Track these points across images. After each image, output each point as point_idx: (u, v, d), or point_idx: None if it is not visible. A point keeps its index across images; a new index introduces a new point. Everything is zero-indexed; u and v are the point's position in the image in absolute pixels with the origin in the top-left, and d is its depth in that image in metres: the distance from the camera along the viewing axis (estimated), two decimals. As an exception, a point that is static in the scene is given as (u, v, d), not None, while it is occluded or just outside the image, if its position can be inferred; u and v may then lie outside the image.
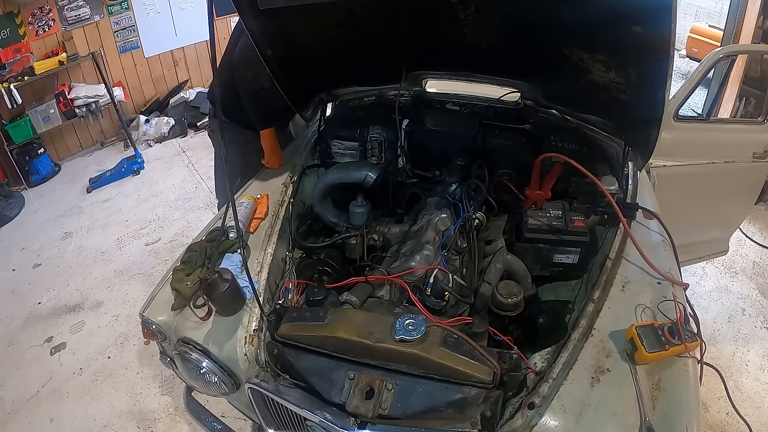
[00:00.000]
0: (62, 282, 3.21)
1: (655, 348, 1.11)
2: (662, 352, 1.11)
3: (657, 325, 1.16)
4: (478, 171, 1.78)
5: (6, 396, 2.48)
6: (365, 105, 2.13)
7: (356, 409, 1.12)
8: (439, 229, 1.64)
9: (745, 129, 2.39)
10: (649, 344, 1.12)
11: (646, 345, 1.11)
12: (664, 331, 1.14)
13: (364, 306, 1.40)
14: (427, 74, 2.00)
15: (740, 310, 2.76)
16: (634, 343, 1.14)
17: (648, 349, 1.11)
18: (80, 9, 4.26)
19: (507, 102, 1.97)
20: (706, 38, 6.05)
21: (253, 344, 1.33)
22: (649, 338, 1.13)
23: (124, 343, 2.70)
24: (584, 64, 1.44)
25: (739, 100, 3.45)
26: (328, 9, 1.34)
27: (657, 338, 1.13)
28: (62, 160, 4.64)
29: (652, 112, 1.41)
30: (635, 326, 1.15)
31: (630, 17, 1.18)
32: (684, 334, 1.14)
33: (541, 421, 1.08)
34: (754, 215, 3.34)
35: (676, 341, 1.13)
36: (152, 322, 1.42)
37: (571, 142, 1.79)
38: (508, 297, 1.32)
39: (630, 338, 1.16)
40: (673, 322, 1.18)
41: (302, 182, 1.94)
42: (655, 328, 1.15)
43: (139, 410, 2.34)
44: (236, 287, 1.31)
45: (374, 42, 1.57)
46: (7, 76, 3.87)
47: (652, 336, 1.13)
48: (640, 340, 1.12)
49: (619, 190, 1.62)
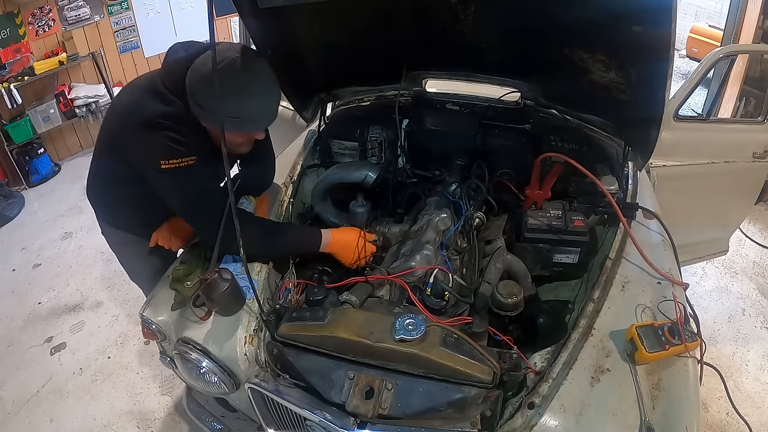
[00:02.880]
0: (62, 282, 3.21)
1: (655, 348, 1.11)
2: (662, 352, 1.11)
3: (657, 325, 1.16)
4: (478, 171, 1.78)
5: (6, 396, 2.48)
6: (365, 105, 2.13)
7: (356, 408, 1.12)
8: (439, 229, 1.64)
9: (745, 129, 2.39)
10: (649, 344, 1.11)
11: (646, 345, 1.11)
12: (664, 331, 1.14)
13: (364, 306, 1.40)
14: (427, 74, 1.99)
15: (740, 310, 2.76)
16: (634, 343, 1.14)
17: (648, 349, 1.11)
18: (80, 9, 4.26)
19: (507, 102, 1.97)
20: (706, 38, 6.05)
21: (253, 344, 1.33)
22: (650, 338, 1.13)
23: (124, 343, 2.71)
24: (584, 64, 1.44)
25: (739, 100, 3.45)
26: (328, 9, 1.34)
27: (657, 338, 1.13)
28: (62, 160, 4.64)
29: (652, 112, 1.41)
30: (635, 326, 1.15)
31: (630, 17, 1.18)
32: (684, 334, 1.14)
33: (541, 420, 1.07)
34: (754, 215, 3.34)
35: (676, 341, 1.13)
36: (152, 321, 1.42)
37: (571, 141, 1.79)
38: (507, 297, 1.32)
39: (630, 338, 1.16)
40: (674, 322, 1.18)
41: (302, 182, 1.94)
42: (655, 328, 1.15)
43: (139, 410, 2.34)
44: (236, 287, 1.30)
45: (374, 42, 1.57)
46: (7, 76, 3.87)
47: (653, 336, 1.13)
48: (640, 340, 1.12)
49: (619, 190, 1.62)
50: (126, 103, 1.43)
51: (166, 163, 1.30)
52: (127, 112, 1.39)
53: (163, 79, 1.37)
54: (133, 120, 1.33)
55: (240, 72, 1.28)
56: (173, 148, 1.30)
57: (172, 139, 1.30)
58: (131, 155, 1.39)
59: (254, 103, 1.32)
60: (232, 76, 1.26)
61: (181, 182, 1.35)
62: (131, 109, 1.38)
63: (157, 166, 1.30)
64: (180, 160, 1.31)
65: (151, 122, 1.30)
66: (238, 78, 1.27)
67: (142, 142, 1.33)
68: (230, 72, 1.26)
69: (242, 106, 1.30)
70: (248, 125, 1.37)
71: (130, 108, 1.39)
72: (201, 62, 1.31)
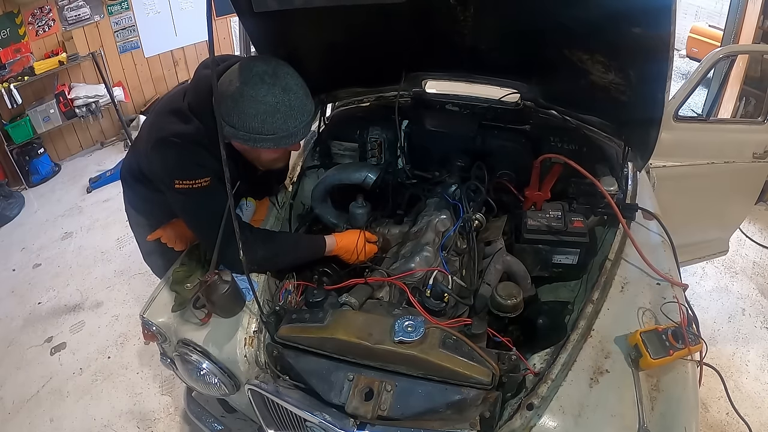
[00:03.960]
0: (62, 282, 3.22)
1: (659, 354, 1.10)
2: (667, 357, 1.10)
3: (661, 329, 1.15)
4: (478, 172, 1.78)
5: (6, 396, 2.48)
6: (365, 106, 2.13)
7: (356, 410, 1.12)
8: (439, 230, 1.64)
9: (745, 129, 2.38)
10: (653, 350, 1.11)
11: (650, 351, 1.11)
12: (668, 336, 1.13)
13: (364, 307, 1.40)
14: (427, 75, 1.99)
15: (740, 310, 2.76)
16: (638, 350, 1.13)
17: (653, 355, 1.10)
18: (80, 9, 4.26)
19: (507, 103, 1.97)
20: (706, 38, 6.04)
21: (253, 346, 1.33)
22: (653, 344, 1.12)
23: (124, 343, 2.71)
24: (584, 65, 1.44)
25: (739, 100, 3.45)
26: (327, 10, 1.34)
27: (661, 343, 1.12)
28: (62, 160, 4.64)
29: (652, 112, 1.41)
30: (639, 332, 1.14)
31: (629, 18, 1.18)
32: (688, 338, 1.13)
33: (540, 422, 1.08)
34: (754, 215, 3.34)
35: (680, 345, 1.12)
36: (152, 323, 1.42)
37: (570, 142, 1.79)
38: (507, 298, 1.32)
39: (635, 344, 1.15)
40: (678, 325, 1.18)
41: (302, 183, 1.94)
42: (659, 333, 1.14)
43: (139, 410, 2.35)
44: (236, 289, 1.31)
45: (374, 43, 1.57)
46: (7, 76, 3.87)
47: (656, 341, 1.12)
48: (644, 347, 1.11)
49: (619, 191, 1.62)
50: (155, 113, 1.44)
51: (180, 183, 1.30)
52: (150, 123, 1.41)
53: (188, 96, 1.36)
54: (151, 136, 1.33)
55: (273, 90, 1.23)
56: (186, 169, 1.29)
57: (186, 160, 1.29)
58: (147, 167, 1.41)
59: (289, 120, 1.28)
60: (264, 94, 1.23)
61: (193, 203, 1.35)
62: (154, 123, 1.38)
63: (171, 185, 1.30)
64: (193, 182, 1.30)
65: (165, 140, 1.29)
66: (270, 96, 1.23)
67: (156, 160, 1.33)
68: (262, 90, 1.23)
69: (276, 125, 1.26)
70: (284, 141, 1.31)
71: (154, 120, 1.40)
72: (227, 80, 1.26)
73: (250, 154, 1.42)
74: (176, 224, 1.60)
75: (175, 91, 1.46)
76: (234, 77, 1.25)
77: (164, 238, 1.61)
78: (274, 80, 1.24)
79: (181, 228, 1.58)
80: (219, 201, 1.30)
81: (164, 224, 1.61)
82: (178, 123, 1.31)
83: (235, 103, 1.24)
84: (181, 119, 1.32)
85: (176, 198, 1.36)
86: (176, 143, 1.29)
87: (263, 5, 1.24)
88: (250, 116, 1.24)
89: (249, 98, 1.23)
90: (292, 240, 1.66)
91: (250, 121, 1.25)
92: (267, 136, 1.28)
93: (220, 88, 1.25)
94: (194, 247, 1.57)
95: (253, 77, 1.23)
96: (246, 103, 1.23)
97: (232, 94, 1.24)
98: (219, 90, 1.24)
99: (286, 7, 1.26)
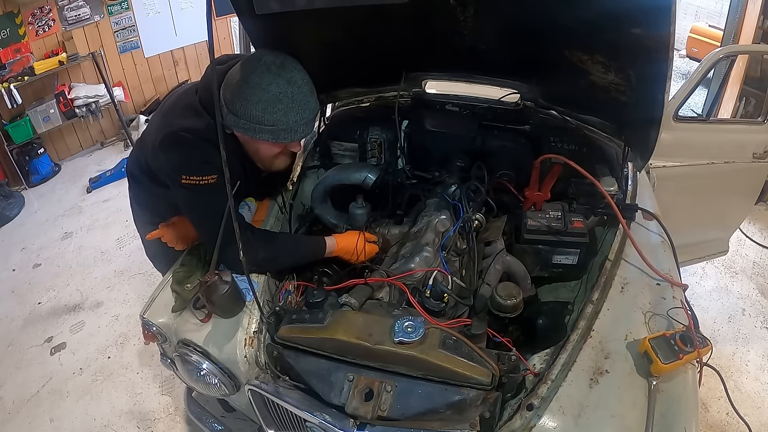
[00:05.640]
0: (62, 282, 3.22)
1: (670, 359, 1.10)
2: (677, 362, 1.10)
3: (669, 334, 1.15)
4: (478, 172, 1.77)
5: (6, 396, 2.48)
6: (365, 106, 2.13)
7: (355, 410, 1.12)
8: (439, 231, 1.64)
9: (745, 129, 2.38)
10: (663, 355, 1.10)
11: (660, 357, 1.10)
12: (676, 340, 1.13)
13: (363, 308, 1.40)
14: (427, 75, 1.99)
15: (740, 310, 2.77)
16: (648, 356, 1.12)
17: (663, 360, 1.09)
18: (80, 9, 4.26)
19: (507, 103, 1.97)
20: (706, 38, 6.05)
21: (253, 346, 1.33)
22: (663, 349, 1.11)
23: (124, 343, 2.71)
24: (584, 65, 1.44)
25: (739, 100, 3.45)
26: (327, 11, 1.34)
27: (670, 348, 1.11)
28: (62, 160, 4.64)
29: (652, 112, 1.40)
30: (648, 339, 1.14)
31: (629, 19, 1.18)
32: (697, 341, 1.13)
33: (540, 422, 1.08)
34: (754, 215, 3.34)
35: (689, 348, 1.12)
36: (153, 323, 1.42)
37: (570, 143, 1.79)
38: (507, 299, 1.32)
39: (644, 351, 1.14)
40: (686, 328, 1.17)
41: (302, 184, 1.94)
42: (668, 338, 1.14)
43: (139, 410, 2.35)
44: (236, 289, 1.31)
45: (374, 43, 1.57)
46: (7, 76, 3.87)
47: (666, 347, 1.12)
48: (654, 353, 1.11)
49: (619, 191, 1.62)
50: (166, 107, 1.44)
51: (187, 179, 1.30)
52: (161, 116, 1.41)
53: (199, 91, 1.36)
54: (161, 130, 1.33)
55: (278, 80, 1.24)
56: (194, 165, 1.29)
57: (194, 155, 1.29)
58: (155, 161, 1.40)
59: (290, 113, 1.28)
60: (268, 83, 1.24)
61: (198, 200, 1.35)
62: (165, 115, 1.39)
63: (178, 180, 1.31)
64: (200, 178, 1.30)
65: (175, 135, 1.29)
66: (274, 85, 1.24)
67: (164, 154, 1.33)
68: (267, 79, 1.24)
69: (276, 115, 1.27)
70: (283, 135, 1.31)
71: (165, 113, 1.40)
72: (235, 70, 1.28)
73: (249, 146, 1.42)
74: (178, 224, 1.60)
75: (187, 87, 1.46)
76: (243, 66, 1.27)
77: (165, 238, 1.61)
78: (280, 71, 1.25)
79: (182, 228, 1.58)
80: (224, 199, 1.29)
81: (167, 221, 1.61)
82: (189, 118, 1.32)
83: (239, 90, 1.25)
84: (192, 114, 1.32)
85: (182, 193, 1.35)
86: (186, 138, 1.29)
87: (265, 7, 1.24)
88: (252, 103, 1.25)
89: (253, 85, 1.24)
90: (293, 241, 1.66)
91: (251, 108, 1.25)
92: (266, 126, 1.28)
93: (229, 78, 1.27)
94: (195, 247, 1.57)
95: (260, 66, 1.25)
96: (249, 90, 1.24)
97: (237, 81, 1.26)
98: (227, 80, 1.27)
99: (287, 9, 1.25)
